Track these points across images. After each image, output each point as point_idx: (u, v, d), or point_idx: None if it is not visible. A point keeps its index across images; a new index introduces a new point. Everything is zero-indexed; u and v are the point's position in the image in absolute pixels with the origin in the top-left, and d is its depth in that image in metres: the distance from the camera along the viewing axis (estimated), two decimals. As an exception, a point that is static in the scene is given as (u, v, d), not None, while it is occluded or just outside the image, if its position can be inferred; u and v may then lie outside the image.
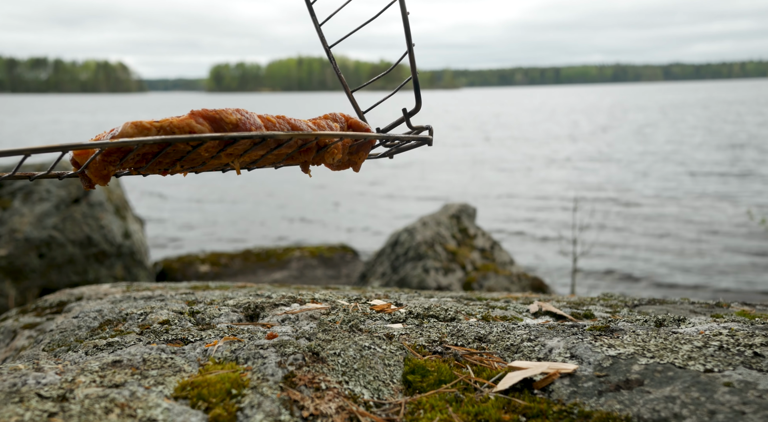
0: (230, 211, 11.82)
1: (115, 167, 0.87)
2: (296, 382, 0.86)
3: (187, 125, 0.85)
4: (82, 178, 0.89)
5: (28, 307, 1.62)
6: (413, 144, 1.10)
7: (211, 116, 0.87)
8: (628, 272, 7.49)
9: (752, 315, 1.21)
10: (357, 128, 1.03)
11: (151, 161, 0.88)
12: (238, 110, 0.89)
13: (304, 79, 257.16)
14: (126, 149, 0.84)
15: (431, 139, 1.08)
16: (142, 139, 0.80)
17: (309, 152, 0.99)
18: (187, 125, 0.85)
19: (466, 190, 13.36)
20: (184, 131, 0.85)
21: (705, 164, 16.02)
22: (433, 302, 1.32)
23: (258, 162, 0.98)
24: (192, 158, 0.90)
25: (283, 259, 6.95)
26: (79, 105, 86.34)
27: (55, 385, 0.81)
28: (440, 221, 5.51)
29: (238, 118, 0.88)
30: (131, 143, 0.80)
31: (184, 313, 1.25)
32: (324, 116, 1.01)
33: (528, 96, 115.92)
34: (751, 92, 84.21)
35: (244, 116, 0.89)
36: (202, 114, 0.86)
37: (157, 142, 0.81)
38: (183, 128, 0.85)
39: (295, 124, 0.93)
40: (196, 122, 0.85)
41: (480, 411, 0.82)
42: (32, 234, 5.34)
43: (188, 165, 0.93)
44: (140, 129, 0.83)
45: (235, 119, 0.87)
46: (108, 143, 0.79)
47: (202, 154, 0.89)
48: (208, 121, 0.86)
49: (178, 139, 0.82)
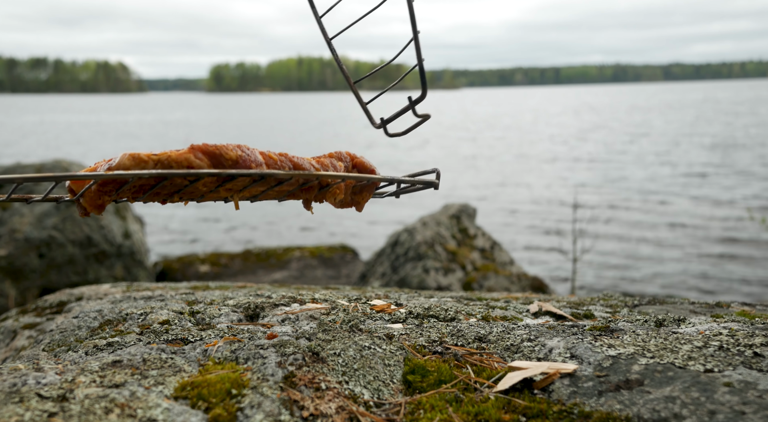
0: (230, 211, 11.82)
1: (111, 197, 0.86)
2: (296, 382, 0.86)
3: (185, 159, 0.83)
4: (77, 205, 0.88)
5: (28, 307, 1.62)
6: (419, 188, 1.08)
7: (211, 151, 0.85)
8: (628, 273, 7.49)
9: (752, 315, 1.21)
10: (362, 169, 1.02)
11: (148, 193, 0.87)
12: (239, 146, 0.87)
13: (304, 79, 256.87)
14: (121, 181, 0.83)
15: (437, 183, 1.06)
16: (138, 172, 0.79)
17: (311, 191, 0.97)
18: (185, 159, 0.83)
19: (465, 190, 13.36)
20: (182, 166, 0.83)
21: (705, 165, 16.03)
22: (433, 303, 1.32)
23: (258, 197, 0.96)
24: (190, 192, 0.89)
25: (283, 259, 6.96)
26: (79, 105, 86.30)
27: (55, 385, 0.81)
28: (440, 221, 5.51)
29: (239, 155, 0.86)
30: (127, 175, 0.78)
31: (184, 313, 1.25)
32: (329, 154, 1.00)
33: (527, 96, 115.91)
34: (750, 93, 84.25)
35: (245, 153, 0.87)
36: (202, 149, 0.85)
37: (153, 176, 0.79)
38: (181, 163, 0.83)
39: (297, 162, 0.92)
40: (194, 157, 0.84)
41: (480, 411, 0.82)
42: (32, 234, 5.34)
43: (187, 197, 0.91)
44: (137, 161, 0.81)
45: (235, 156, 0.86)
46: (103, 175, 0.78)
47: (200, 188, 0.88)
48: (207, 156, 0.85)
49: (175, 174, 0.80)
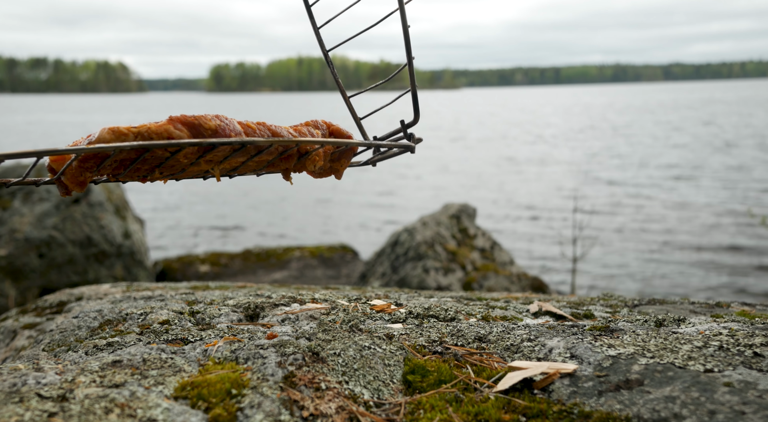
0: (230, 211, 11.82)
1: (92, 174, 0.85)
2: (296, 382, 0.86)
3: (165, 130, 0.83)
4: (58, 185, 0.88)
5: (28, 307, 1.62)
6: (395, 152, 1.09)
7: (190, 121, 0.85)
8: (628, 273, 7.49)
9: (752, 315, 1.21)
10: (338, 135, 1.02)
11: (129, 168, 0.86)
12: (218, 116, 0.88)
13: (304, 79, 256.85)
14: (103, 155, 0.83)
15: (413, 146, 1.06)
16: (119, 144, 0.78)
17: (290, 160, 0.98)
18: (165, 130, 0.83)
19: (465, 190, 13.35)
20: (162, 137, 0.83)
21: (704, 165, 16.03)
22: (433, 302, 1.32)
23: (238, 169, 0.96)
24: (171, 165, 0.88)
25: (283, 259, 6.95)
26: (79, 105, 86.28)
27: (55, 385, 0.81)
28: (440, 221, 5.51)
29: (218, 124, 0.86)
30: (108, 148, 0.78)
31: (184, 313, 1.25)
32: (305, 123, 1.00)
33: (526, 96, 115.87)
34: (748, 93, 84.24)
35: (224, 122, 0.87)
36: (181, 120, 0.85)
37: (135, 148, 0.79)
38: (161, 134, 0.83)
39: (275, 130, 0.92)
40: (174, 128, 0.84)
41: (480, 411, 0.82)
42: (32, 234, 5.34)
43: (167, 172, 0.91)
44: (117, 135, 0.81)
45: (214, 125, 0.86)
46: (84, 148, 0.78)
47: (181, 160, 0.87)
48: (186, 127, 0.85)
49: (156, 145, 0.80)
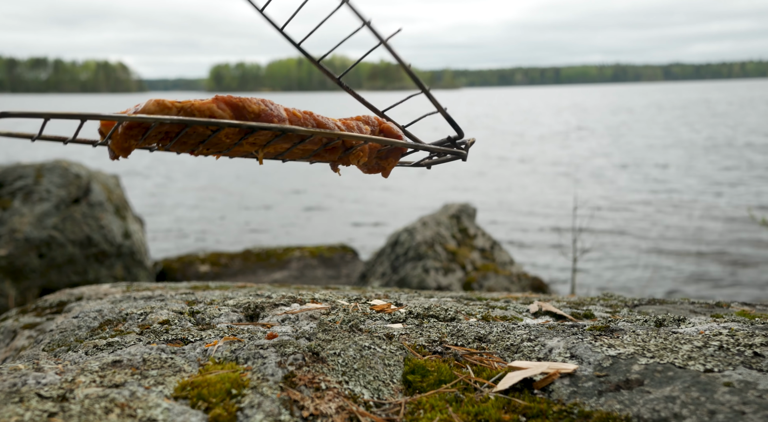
0: (230, 211, 11.82)
1: (137, 142, 0.87)
2: (296, 382, 0.86)
3: (207, 108, 0.85)
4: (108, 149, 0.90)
5: (28, 307, 1.62)
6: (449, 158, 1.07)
7: (234, 103, 0.87)
8: (628, 273, 7.49)
9: (752, 315, 1.20)
10: (388, 134, 1.02)
11: (174, 140, 0.88)
12: (264, 101, 0.89)
13: (304, 79, 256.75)
14: (146, 125, 0.85)
15: (465, 154, 1.04)
16: (159, 117, 0.81)
17: (335, 152, 0.98)
18: (207, 108, 0.85)
19: (466, 190, 13.36)
20: (204, 115, 0.85)
21: (704, 165, 16.03)
22: (433, 302, 1.32)
23: (284, 155, 0.97)
24: (214, 143, 0.90)
25: (283, 259, 6.95)
26: (80, 105, 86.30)
27: (55, 385, 0.81)
28: (440, 221, 5.51)
29: (262, 108, 0.88)
30: (148, 119, 0.80)
31: (184, 313, 1.25)
32: (357, 117, 1.01)
33: (527, 96, 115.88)
34: (747, 93, 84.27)
35: (269, 107, 0.89)
36: (225, 100, 0.87)
37: (174, 122, 0.81)
38: (203, 112, 0.85)
39: (321, 121, 0.93)
40: (217, 107, 0.86)
41: (480, 411, 0.82)
42: (32, 234, 5.34)
43: (213, 149, 0.92)
44: (161, 107, 0.83)
45: (258, 109, 0.88)
46: (125, 117, 0.80)
47: (223, 139, 0.89)
48: (230, 107, 0.87)
49: (194, 121, 0.82)
